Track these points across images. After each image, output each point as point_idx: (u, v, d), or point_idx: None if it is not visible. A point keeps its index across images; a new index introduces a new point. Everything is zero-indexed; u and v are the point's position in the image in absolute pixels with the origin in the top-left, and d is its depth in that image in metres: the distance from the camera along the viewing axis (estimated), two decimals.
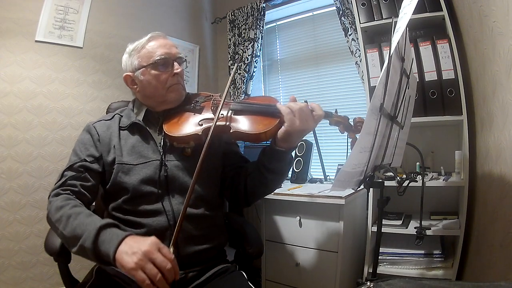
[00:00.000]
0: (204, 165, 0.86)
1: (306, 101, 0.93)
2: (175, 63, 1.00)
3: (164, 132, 0.98)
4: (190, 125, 0.98)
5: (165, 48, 1.00)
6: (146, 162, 0.96)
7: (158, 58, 0.98)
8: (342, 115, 0.98)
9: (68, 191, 0.89)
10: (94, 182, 0.95)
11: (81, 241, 0.75)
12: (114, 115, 1.06)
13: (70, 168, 0.93)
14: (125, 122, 1.02)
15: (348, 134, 0.98)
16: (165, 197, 0.95)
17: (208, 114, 0.99)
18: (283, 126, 0.89)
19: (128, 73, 1.02)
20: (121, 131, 1.01)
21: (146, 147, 0.99)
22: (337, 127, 1.01)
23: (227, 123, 0.94)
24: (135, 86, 1.03)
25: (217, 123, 0.91)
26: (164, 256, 0.71)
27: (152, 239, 0.73)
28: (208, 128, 0.92)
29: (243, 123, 0.94)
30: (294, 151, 2.00)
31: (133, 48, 1.02)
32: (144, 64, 0.99)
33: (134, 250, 0.70)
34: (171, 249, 0.75)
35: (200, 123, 0.97)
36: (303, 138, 1.98)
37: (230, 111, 0.97)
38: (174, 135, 0.96)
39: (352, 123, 0.99)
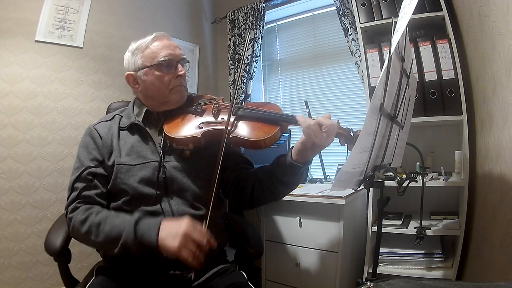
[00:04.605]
0: (203, 166, 0.87)
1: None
2: (179, 65, 1.00)
3: (164, 132, 0.97)
4: (190, 127, 0.97)
5: (169, 49, 0.99)
6: (145, 163, 0.96)
7: (162, 59, 0.97)
8: (344, 127, 0.91)
9: (84, 203, 0.92)
10: (104, 188, 0.96)
11: (123, 241, 0.83)
12: (114, 116, 1.05)
13: (78, 178, 0.93)
14: (125, 122, 1.02)
15: (348, 146, 0.91)
16: (164, 199, 0.95)
17: (208, 118, 0.99)
18: (301, 143, 0.87)
19: (130, 72, 1.01)
20: (120, 131, 1.01)
21: (145, 147, 0.98)
22: (338, 139, 0.92)
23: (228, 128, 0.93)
24: (137, 86, 1.02)
25: (217, 127, 0.93)
26: (199, 233, 0.82)
27: (186, 220, 0.83)
28: (207, 131, 0.94)
29: (242, 129, 0.94)
30: None
31: (136, 47, 1.01)
32: (148, 65, 0.98)
33: (174, 234, 0.81)
34: (204, 227, 0.86)
35: (200, 126, 0.97)
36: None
37: (232, 116, 0.96)
38: (174, 136, 0.95)
39: (352, 135, 0.93)
